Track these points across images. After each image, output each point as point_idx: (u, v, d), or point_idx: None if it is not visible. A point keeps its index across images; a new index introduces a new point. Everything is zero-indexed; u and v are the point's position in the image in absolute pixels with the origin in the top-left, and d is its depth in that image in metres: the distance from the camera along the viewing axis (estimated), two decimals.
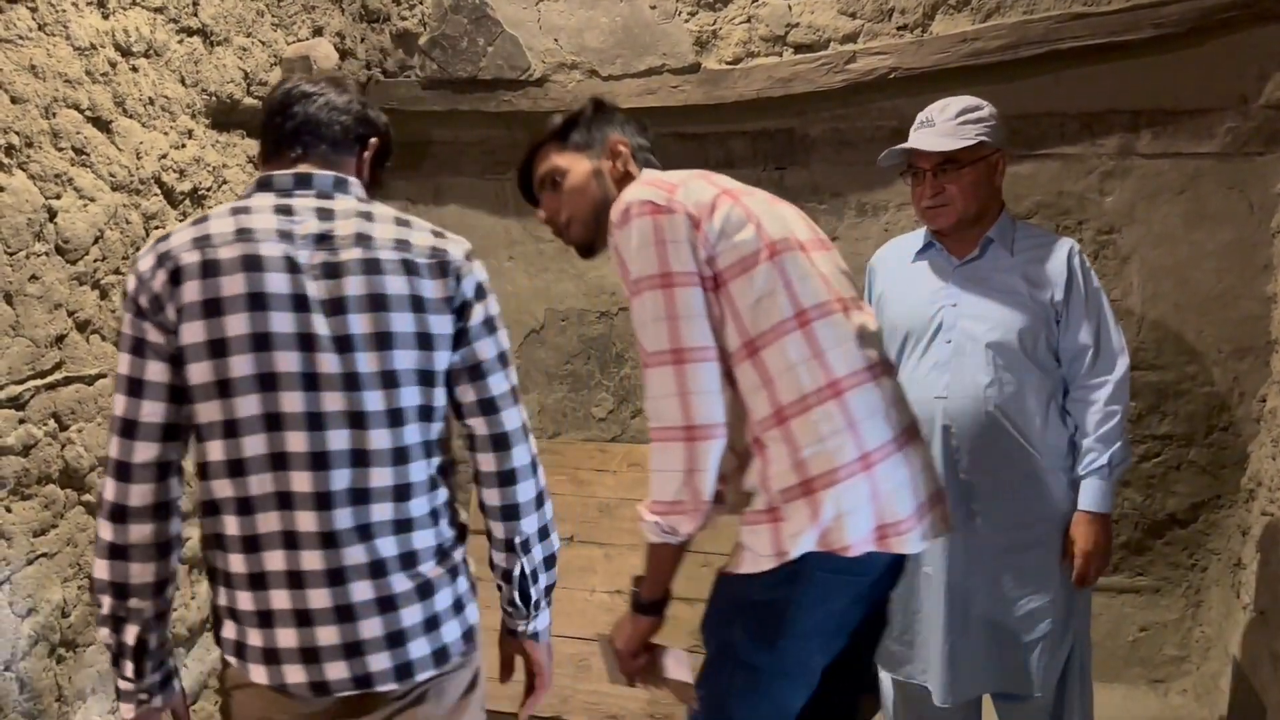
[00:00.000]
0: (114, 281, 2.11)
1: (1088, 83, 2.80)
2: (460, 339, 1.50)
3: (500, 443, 1.55)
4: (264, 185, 1.50)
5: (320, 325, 1.40)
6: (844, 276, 1.72)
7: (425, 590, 1.47)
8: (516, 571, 1.59)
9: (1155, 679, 3.06)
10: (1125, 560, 3.05)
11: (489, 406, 1.53)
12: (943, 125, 2.14)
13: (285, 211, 1.46)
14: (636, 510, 1.70)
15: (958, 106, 2.17)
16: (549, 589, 1.65)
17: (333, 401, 1.40)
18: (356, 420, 1.41)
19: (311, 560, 1.41)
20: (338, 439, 1.40)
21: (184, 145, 2.36)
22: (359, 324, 1.42)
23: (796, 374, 1.58)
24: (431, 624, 1.47)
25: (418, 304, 1.45)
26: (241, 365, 1.38)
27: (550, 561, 1.63)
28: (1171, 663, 3.05)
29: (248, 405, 1.39)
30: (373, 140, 1.61)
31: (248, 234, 1.42)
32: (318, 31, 2.91)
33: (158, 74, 2.26)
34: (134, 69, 2.18)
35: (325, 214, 1.47)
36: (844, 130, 3.01)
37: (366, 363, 1.42)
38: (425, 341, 1.45)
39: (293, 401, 1.39)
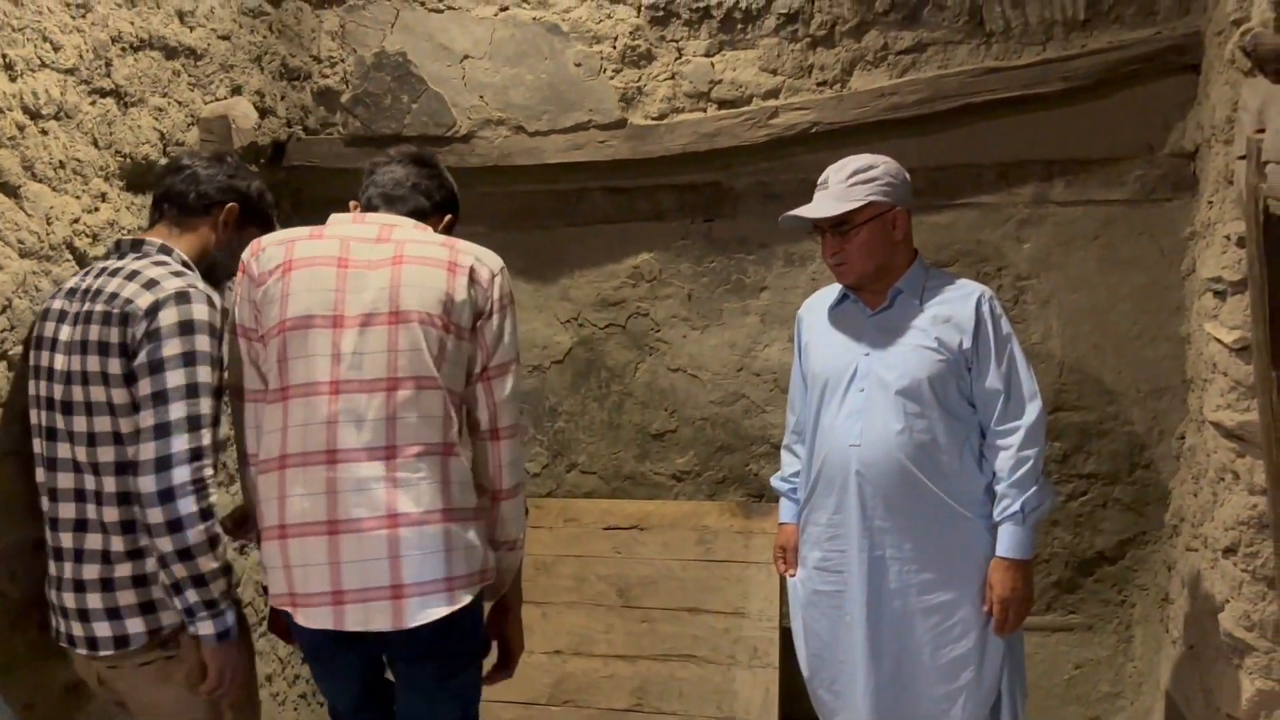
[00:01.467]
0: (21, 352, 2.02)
1: (1002, 134, 2.88)
2: (131, 377, 1.82)
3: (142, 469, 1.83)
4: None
5: (58, 362, 1.88)
6: (373, 356, 1.79)
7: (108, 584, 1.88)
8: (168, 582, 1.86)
9: (1091, 716, 3.09)
10: (1058, 599, 3.08)
11: (144, 435, 1.81)
12: (835, 188, 2.20)
13: (91, 270, 1.96)
14: None
15: (851, 168, 2.21)
16: (208, 603, 1.85)
17: (63, 422, 1.87)
18: (79, 439, 1.87)
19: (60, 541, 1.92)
20: (64, 449, 1.88)
21: (97, 209, 2.29)
22: (74, 363, 1.86)
23: (269, 438, 1.81)
24: (114, 613, 1.88)
25: (104, 349, 1.83)
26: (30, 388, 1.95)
27: (198, 580, 1.84)
28: (1106, 699, 3.08)
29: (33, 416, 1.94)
30: (230, 205, 2.04)
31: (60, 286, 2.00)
32: (236, 90, 2.86)
33: (69, 136, 2.20)
34: (43, 132, 2.12)
35: (109, 272, 1.92)
36: (769, 183, 3.06)
37: (77, 393, 1.86)
38: (111, 380, 1.83)
39: (50, 419, 1.89)
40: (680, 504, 3.23)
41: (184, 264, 1.98)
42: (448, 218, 2.03)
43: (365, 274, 1.81)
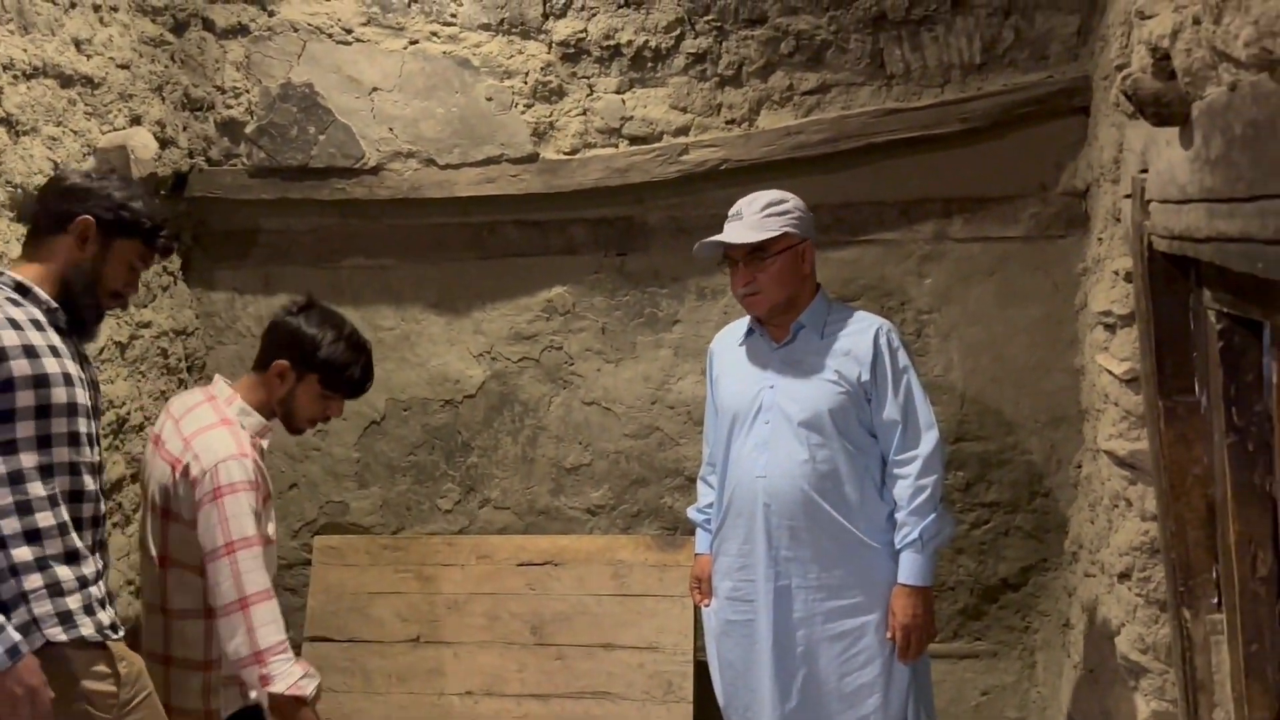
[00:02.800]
0: None
1: (904, 173, 2.97)
2: None
3: None
4: None
5: None
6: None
7: None
8: None
9: None
10: (964, 626, 3.14)
11: None
12: (750, 219, 2.26)
13: None
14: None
15: (764, 200, 2.28)
16: None
17: None
18: None
19: None
20: None
21: None
22: None
23: None
24: None
25: None
26: None
27: None
28: None
29: None
30: (81, 219, 1.88)
31: None
32: (136, 120, 2.79)
33: None
34: None
35: None
36: (681, 218, 3.09)
37: None
38: None
39: None
40: (595, 538, 3.21)
41: (17, 288, 1.88)
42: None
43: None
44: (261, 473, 2.18)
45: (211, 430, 2.16)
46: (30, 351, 1.81)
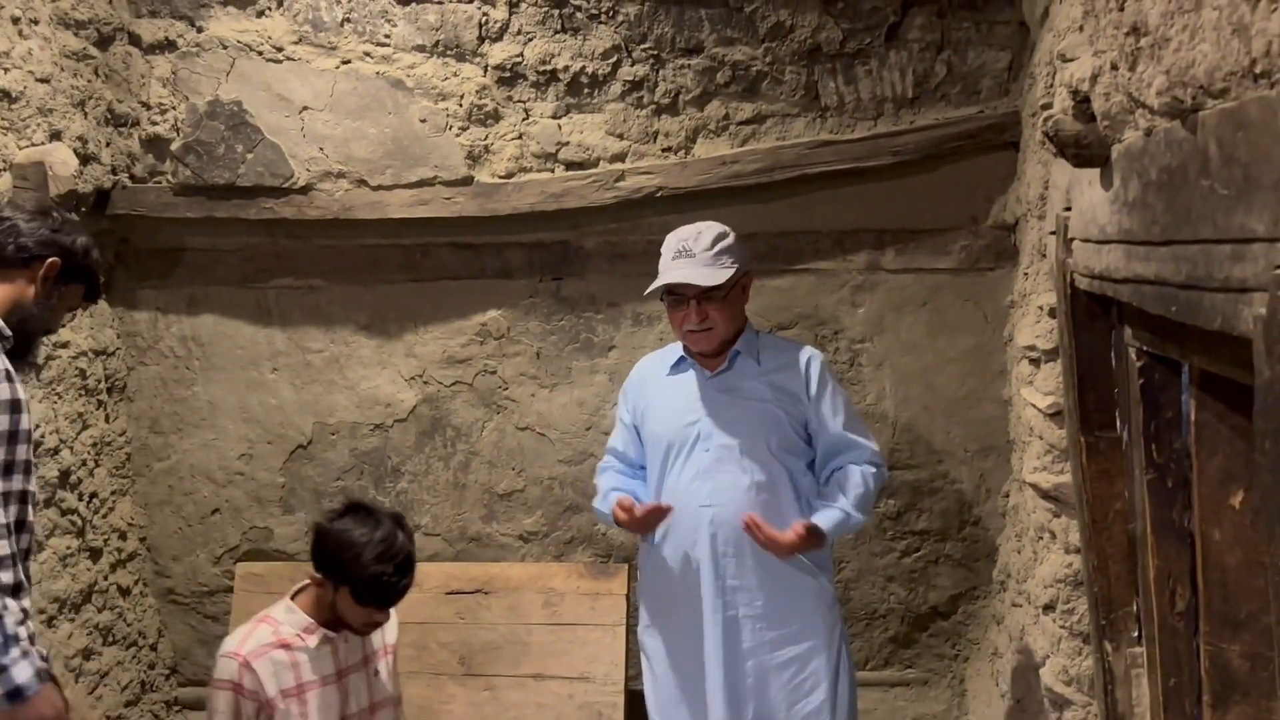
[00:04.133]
0: None
1: (837, 204, 2.99)
2: None
3: None
4: None
5: None
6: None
7: None
8: None
9: None
10: (895, 653, 3.15)
11: None
12: (702, 256, 2.21)
13: None
14: None
15: (710, 235, 2.24)
16: None
17: None
18: None
19: None
20: None
21: None
22: None
23: None
24: None
25: None
26: None
27: None
28: None
29: None
30: (51, 260, 1.94)
31: None
32: (55, 136, 2.70)
33: None
34: None
35: None
36: (617, 243, 3.08)
37: None
38: None
39: None
40: (526, 566, 3.17)
41: None
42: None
43: None
44: (276, 675, 2.11)
45: (246, 624, 2.21)
46: (8, 375, 1.83)
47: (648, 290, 2.28)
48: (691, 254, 2.23)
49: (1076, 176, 1.73)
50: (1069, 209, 1.84)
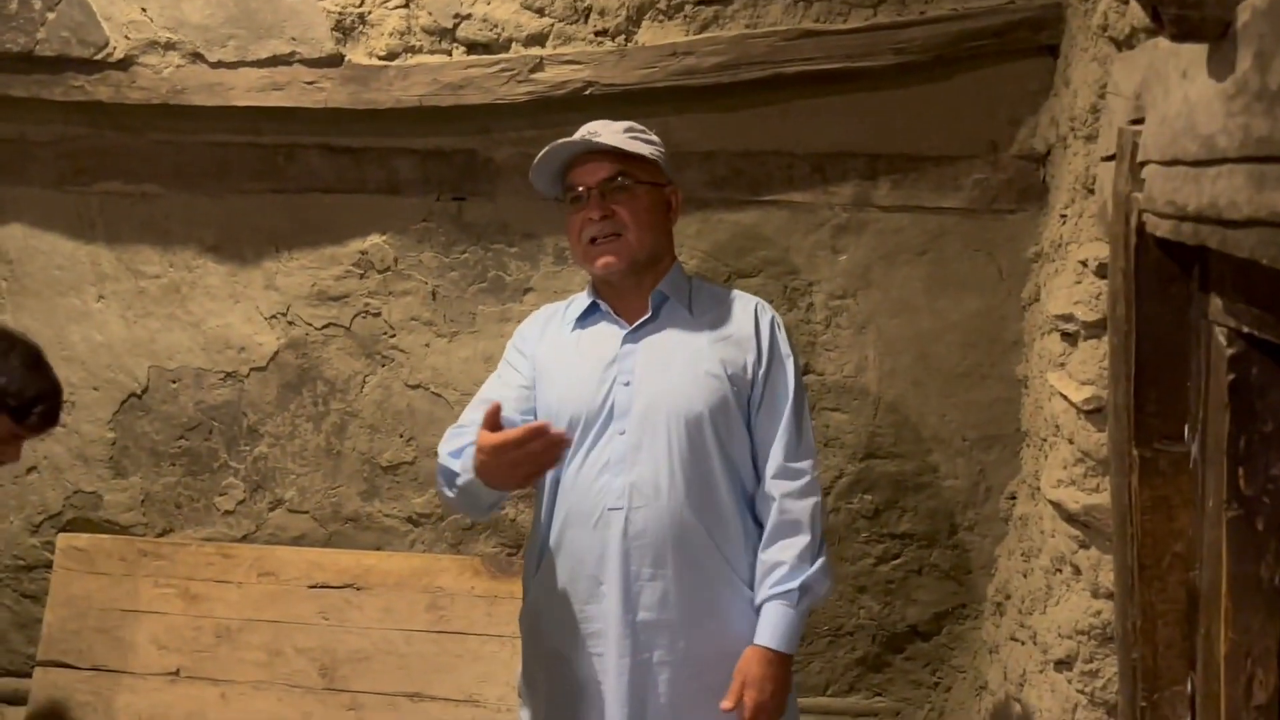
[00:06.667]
0: None
1: (819, 117, 2.45)
2: None
3: None
4: None
5: None
6: None
7: None
8: None
9: None
10: (863, 678, 2.73)
11: None
12: (610, 136, 1.84)
13: None
14: None
15: (626, 124, 1.90)
16: None
17: None
18: None
19: None
20: None
21: None
22: None
23: None
24: None
25: None
26: None
27: None
28: None
29: None
30: None
31: None
32: None
33: None
34: None
35: None
36: (536, 155, 2.48)
37: None
38: None
39: None
40: (410, 557, 2.70)
41: None
42: None
43: None
44: None
45: None
46: None
47: (533, 165, 1.85)
48: (599, 135, 1.84)
49: (1161, 68, 1.30)
50: (1139, 121, 1.41)
